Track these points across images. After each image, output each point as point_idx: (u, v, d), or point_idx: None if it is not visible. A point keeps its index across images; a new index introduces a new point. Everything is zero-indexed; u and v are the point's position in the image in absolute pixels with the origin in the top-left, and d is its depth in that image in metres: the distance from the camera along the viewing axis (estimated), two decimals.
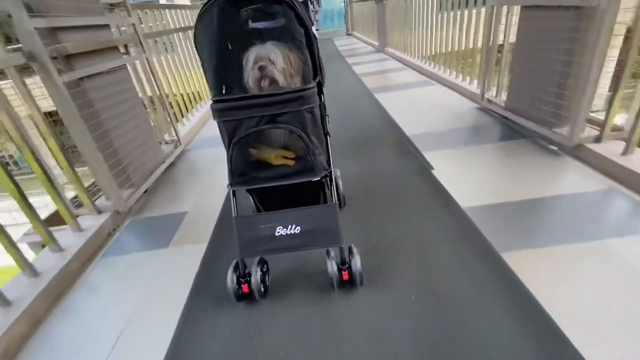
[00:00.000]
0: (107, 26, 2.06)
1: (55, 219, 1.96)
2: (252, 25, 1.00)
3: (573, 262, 1.19)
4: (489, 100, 2.60)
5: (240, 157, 1.07)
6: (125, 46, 2.24)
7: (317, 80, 1.06)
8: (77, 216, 1.74)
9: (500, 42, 2.41)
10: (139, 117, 2.19)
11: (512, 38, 2.25)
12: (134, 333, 1.19)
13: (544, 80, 1.94)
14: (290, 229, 1.07)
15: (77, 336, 1.23)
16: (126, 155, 1.96)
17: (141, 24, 2.73)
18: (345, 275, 1.11)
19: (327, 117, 1.16)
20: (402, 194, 1.72)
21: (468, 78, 3.21)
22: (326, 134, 1.16)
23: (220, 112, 1.00)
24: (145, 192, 2.12)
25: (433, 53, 3.96)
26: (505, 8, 2.26)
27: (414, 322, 1.04)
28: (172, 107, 2.98)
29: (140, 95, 2.34)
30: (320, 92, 1.11)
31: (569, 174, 1.71)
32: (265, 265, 1.22)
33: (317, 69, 1.06)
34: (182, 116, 3.44)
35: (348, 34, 10.47)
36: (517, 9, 2.17)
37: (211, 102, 1.01)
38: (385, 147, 2.31)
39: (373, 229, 1.48)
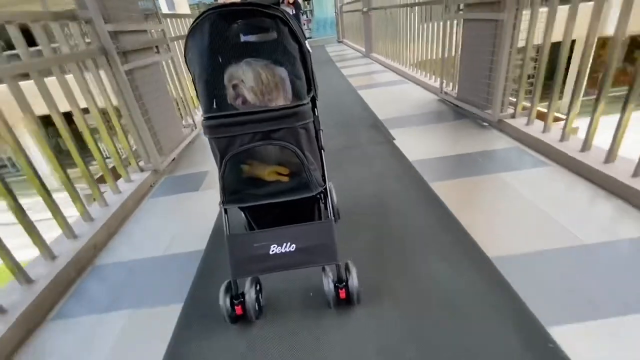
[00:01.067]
0: (145, 31, 2.67)
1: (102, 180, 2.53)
2: (242, 38, 0.97)
3: (479, 187, 1.82)
4: (446, 93, 3.26)
5: (232, 174, 1.03)
6: (157, 47, 2.85)
7: (311, 96, 1.05)
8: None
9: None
10: (167, 103, 2.79)
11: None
12: (177, 247, 1.77)
13: (478, 75, 2.60)
14: (285, 247, 1.04)
15: (142, 241, 1.81)
16: (159, 130, 2.55)
17: (169, 29, 3.36)
18: (342, 294, 1.08)
19: (321, 131, 1.12)
20: (371, 155, 2.35)
21: (433, 77, 3.87)
22: (321, 148, 1.13)
23: (212, 128, 0.97)
24: (173, 159, 2.70)
25: (409, 57, 4.64)
26: (455, 22, 2.94)
27: (416, 343, 1.01)
28: (190, 98, 3.59)
29: (167, 86, 2.95)
30: (313, 107, 1.10)
31: (491, 139, 2.36)
32: (259, 284, 1.17)
33: (310, 83, 1.04)
34: (195, 106, 4.04)
35: (339, 41, 11.22)
36: (461, 22, 2.84)
37: (202, 118, 0.99)
38: (362, 127, 2.94)
39: (348, 177, 2.10)
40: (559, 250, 1.31)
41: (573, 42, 1.95)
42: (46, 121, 1.76)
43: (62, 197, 1.74)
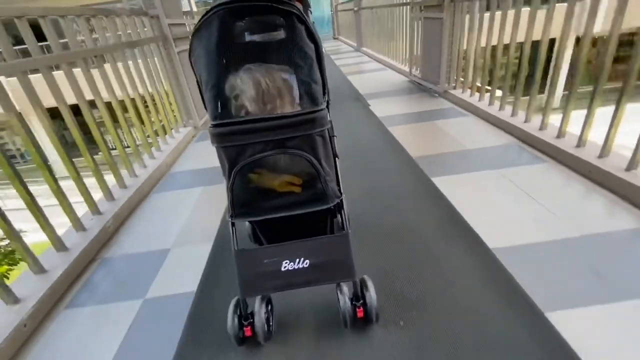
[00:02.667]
0: (184, 24, 3.57)
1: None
2: (247, 38, 0.86)
3: (419, 128, 2.76)
4: (413, 75, 4.20)
5: (242, 185, 0.94)
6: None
7: (326, 100, 0.97)
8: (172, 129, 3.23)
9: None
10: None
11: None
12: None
13: (433, 60, 3.54)
14: (298, 263, 0.96)
15: (194, 165, 2.73)
16: (195, 97, 3.45)
17: None
18: (360, 313, 1.00)
19: (334, 137, 1.03)
20: (352, 114, 3.29)
21: (408, 64, 4.81)
22: (335, 156, 1.03)
23: (220, 136, 0.87)
24: (204, 123, 3.60)
25: (390, 49, 5.57)
26: (418, 20, 3.87)
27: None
28: None
29: None
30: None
31: (437, 103, 3.30)
32: (270, 304, 1.08)
33: (325, 87, 0.95)
34: None
35: (334, 38, 12.13)
36: (422, 20, 3.77)
37: (210, 126, 0.89)
38: (348, 99, 3.88)
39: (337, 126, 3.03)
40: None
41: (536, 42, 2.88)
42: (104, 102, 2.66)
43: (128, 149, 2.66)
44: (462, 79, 3.30)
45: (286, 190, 0.96)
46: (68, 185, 1.71)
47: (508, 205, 1.63)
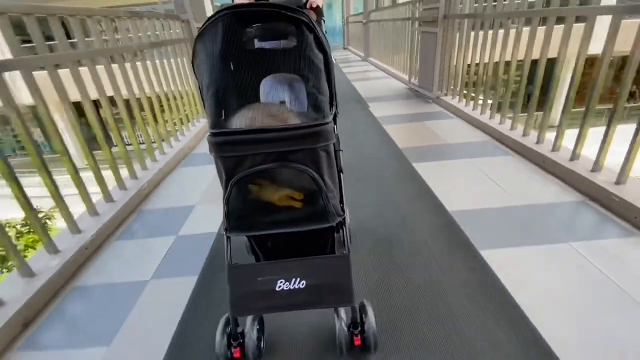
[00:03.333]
0: None
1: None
2: (257, 44, 0.85)
3: (411, 128, 3.14)
4: (412, 83, 4.61)
5: (239, 197, 0.87)
6: None
7: (333, 113, 0.91)
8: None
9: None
10: None
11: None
12: None
13: (427, 69, 3.94)
14: (294, 283, 0.90)
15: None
16: None
17: None
18: (358, 341, 0.94)
19: (340, 151, 0.97)
20: (353, 114, 3.69)
21: (407, 73, 5.23)
22: (339, 171, 0.96)
23: (218, 146, 0.82)
24: None
25: (392, 59, 6.00)
26: (417, 34, 4.29)
27: None
28: None
29: None
30: (334, 123, 0.94)
31: (429, 107, 3.70)
32: (261, 322, 1.04)
33: (333, 99, 0.90)
34: None
35: (344, 48, 12.66)
36: (420, 34, 4.19)
37: (209, 134, 0.82)
38: (351, 101, 4.29)
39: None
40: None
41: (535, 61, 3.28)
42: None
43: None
44: (452, 87, 3.69)
45: (286, 204, 0.89)
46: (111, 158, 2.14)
47: (470, 183, 2.01)
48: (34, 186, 2.22)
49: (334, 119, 0.94)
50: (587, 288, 1.21)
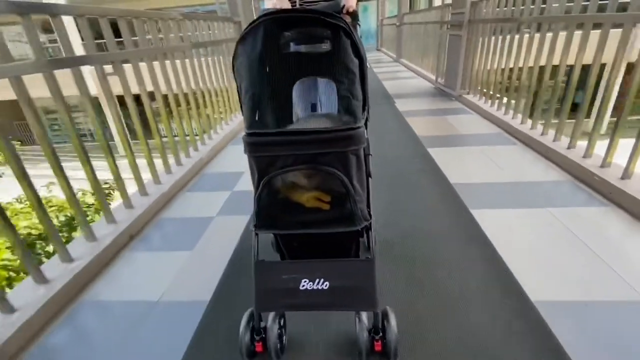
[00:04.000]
0: None
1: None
2: (292, 48, 0.84)
3: (431, 121, 3.49)
4: (438, 82, 4.91)
5: (269, 196, 0.90)
6: None
7: (365, 117, 0.92)
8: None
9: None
10: None
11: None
12: None
13: (453, 69, 4.25)
14: (318, 283, 0.91)
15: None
16: None
17: None
18: (378, 347, 0.94)
19: (370, 156, 0.97)
20: (380, 109, 4.07)
21: (435, 73, 5.52)
22: (368, 175, 0.96)
23: (254, 146, 0.85)
24: None
25: (422, 61, 6.29)
26: (445, 37, 4.60)
27: None
28: None
29: None
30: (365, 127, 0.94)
31: (451, 104, 4.01)
32: (283, 319, 1.05)
33: (365, 103, 0.91)
34: None
35: (378, 49, 12.98)
36: (448, 37, 4.49)
37: (244, 134, 0.86)
38: (379, 97, 4.68)
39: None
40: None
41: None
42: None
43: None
44: (474, 86, 3.98)
45: (314, 205, 0.90)
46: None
47: (474, 165, 2.35)
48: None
49: (365, 124, 0.94)
50: (556, 241, 1.54)
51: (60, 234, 2.79)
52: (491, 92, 3.55)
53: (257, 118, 0.85)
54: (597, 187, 1.89)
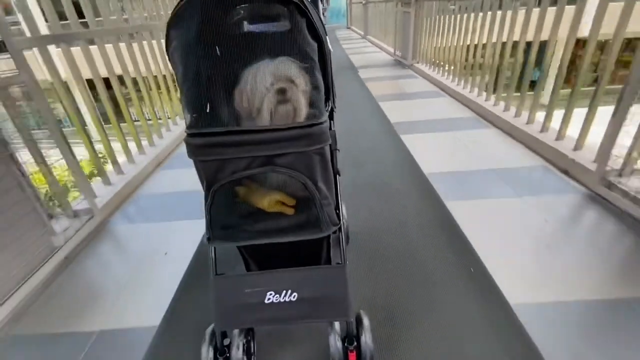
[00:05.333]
0: None
1: None
2: (247, 27, 0.69)
3: (388, 84, 4.24)
4: (396, 54, 5.64)
5: (222, 205, 0.78)
6: None
7: (329, 109, 0.84)
8: None
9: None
10: None
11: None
12: None
13: (405, 42, 4.98)
14: (285, 295, 0.83)
15: None
16: None
17: None
18: (352, 357, 0.87)
19: (337, 151, 0.88)
20: (345, 77, 4.76)
21: (394, 47, 6.26)
22: (336, 173, 0.88)
23: (198, 149, 0.72)
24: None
25: (384, 36, 6.99)
26: (400, 13, 5.29)
27: None
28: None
29: None
30: (330, 120, 0.87)
31: (404, 71, 4.77)
32: (251, 332, 0.97)
33: (329, 92, 0.82)
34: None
35: (347, 27, 13.49)
36: (402, 13, 5.19)
37: (186, 133, 0.72)
38: (344, 69, 5.37)
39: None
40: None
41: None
42: None
43: None
44: (423, 57, 4.75)
45: (276, 210, 0.79)
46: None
47: (409, 111, 3.13)
48: None
49: (331, 115, 0.85)
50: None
51: None
52: (434, 60, 4.33)
53: (197, 114, 0.70)
54: (493, 121, 2.71)
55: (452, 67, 3.74)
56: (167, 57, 0.73)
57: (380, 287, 1.23)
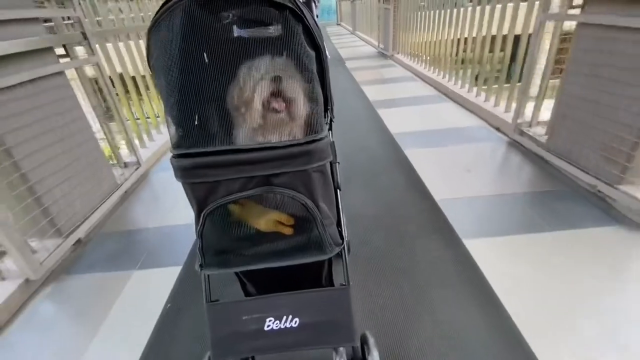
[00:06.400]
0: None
1: None
2: (237, 32, 0.61)
3: (370, 72, 4.82)
4: (380, 47, 6.23)
5: (215, 229, 0.71)
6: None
7: (328, 121, 0.78)
8: None
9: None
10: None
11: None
12: None
13: (387, 36, 5.55)
14: (286, 321, 0.78)
15: None
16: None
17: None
18: None
19: (337, 164, 0.81)
20: (334, 68, 5.28)
21: (377, 40, 6.84)
22: (336, 188, 0.81)
23: (186, 171, 0.65)
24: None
25: (371, 31, 7.57)
26: (380, 10, 5.86)
27: None
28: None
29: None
30: (329, 129, 0.82)
31: (385, 61, 5.35)
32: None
33: (327, 103, 0.75)
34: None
35: (337, 24, 14.06)
36: (383, 9, 5.76)
37: (171, 155, 0.66)
38: (333, 61, 5.88)
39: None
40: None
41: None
42: None
43: None
44: (403, 48, 5.33)
45: (273, 230, 0.72)
46: None
47: (387, 92, 3.71)
48: None
49: (329, 126, 0.80)
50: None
51: None
52: (410, 51, 4.92)
53: (183, 131, 0.63)
54: (451, 96, 3.31)
55: (424, 57, 4.34)
56: (148, 68, 0.65)
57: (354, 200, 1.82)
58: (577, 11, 1.73)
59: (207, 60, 0.59)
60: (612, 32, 1.50)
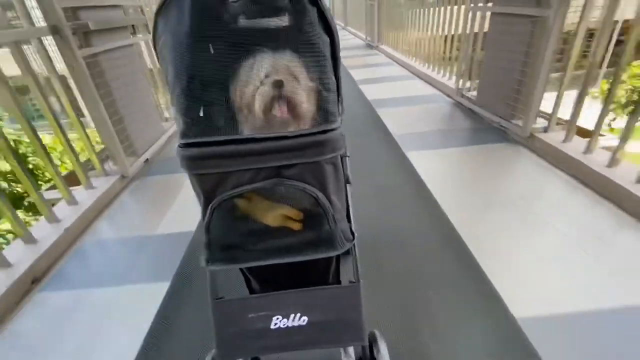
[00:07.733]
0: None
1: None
2: (242, 23, 0.59)
3: (359, 61, 5.56)
4: (367, 39, 6.97)
5: (222, 223, 0.69)
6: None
7: (341, 111, 0.72)
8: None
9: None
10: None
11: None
12: None
13: (372, 28, 6.29)
14: (293, 319, 0.75)
15: None
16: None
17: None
18: None
19: (347, 157, 0.79)
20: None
21: (365, 34, 7.59)
22: (346, 182, 0.78)
23: (193, 161, 0.63)
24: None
25: (361, 26, 8.31)
26: (368, 4, 6.60)
27: None
28: None
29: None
30: None
31: (372, 52, 6.11)
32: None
33: (340, 94, 0.70)
34: None
35: None
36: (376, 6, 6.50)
37: (178, 145, 0.63)
38: None
39: None
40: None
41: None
42: None
43: None
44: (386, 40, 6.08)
45: (281, 225, 0.70)
46: None
47: (369, 74, 4.46)
48: None
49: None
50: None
51: None
52: (392, 42, 5.68)
53: (190, 120, 0.60)
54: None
55: (403, 46, 5.10)
56: (154, 53, 0.62)
57: None
58: (491, 4, 2.51)
59: (212, 51, 0.57)
60: (509, 18, 2.26)
